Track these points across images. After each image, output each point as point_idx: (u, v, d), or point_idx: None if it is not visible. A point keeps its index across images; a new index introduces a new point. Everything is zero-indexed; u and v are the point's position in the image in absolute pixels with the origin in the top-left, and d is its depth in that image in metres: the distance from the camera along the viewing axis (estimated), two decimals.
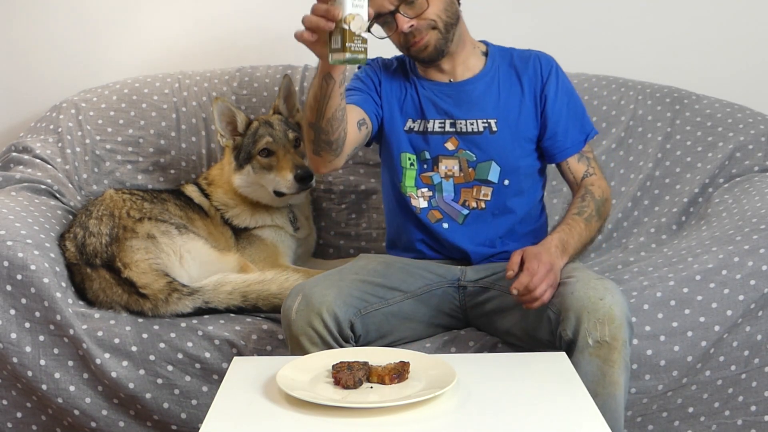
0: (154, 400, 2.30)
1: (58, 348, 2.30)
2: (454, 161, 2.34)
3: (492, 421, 1.63)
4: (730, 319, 2.27)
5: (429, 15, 2.25)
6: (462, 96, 2.36)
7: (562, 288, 2.07)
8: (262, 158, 2.65)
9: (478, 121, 2.34)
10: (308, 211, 2.86)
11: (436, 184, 2.36)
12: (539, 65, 2.38)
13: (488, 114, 2.35)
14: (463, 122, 2.34)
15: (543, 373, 1.87)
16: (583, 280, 2.06)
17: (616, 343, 1.98)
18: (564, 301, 2.03)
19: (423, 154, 2.36)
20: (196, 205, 2.71)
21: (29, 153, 2.79)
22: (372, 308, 2.16)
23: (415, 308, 2.25)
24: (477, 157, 2.33)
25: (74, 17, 3.16)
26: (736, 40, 3.19)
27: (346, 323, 2.07)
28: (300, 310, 2.05)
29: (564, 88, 2.38)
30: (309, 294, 2.07)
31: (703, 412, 2.31)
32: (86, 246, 2.43)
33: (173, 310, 2.35)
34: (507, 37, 3.01)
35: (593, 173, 2.37)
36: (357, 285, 2.17)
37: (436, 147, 2.35)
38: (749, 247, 2.34)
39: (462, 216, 2.35)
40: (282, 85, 2.77)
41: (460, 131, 2.34)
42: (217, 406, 1.70)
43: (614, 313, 1.98)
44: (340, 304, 2.07)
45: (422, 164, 2.37)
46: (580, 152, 2.37)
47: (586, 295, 2.00)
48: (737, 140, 2.81)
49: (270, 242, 2.71)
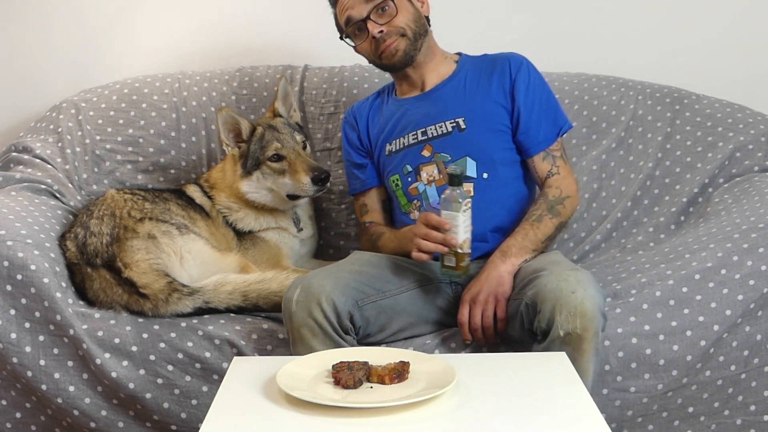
0: (154, 400, 2.30)
1: (58, 348, 2.30)
2: (432, 166, 2.44)
3: (492, 421, 1.63)
4: (729, 318, 2.27)
5: (398, 23, 2.43)
6: (431, 102, 2.50)
7: (536, 280, 2.12)
8: (272, 163, 2.65)
9: (446, 122, 2.45)
10: (311, 210, 2.86)
11: (422, 192, 2.45)
12: (508, 63, 2.47)
13: (456, 113, 2.45)
14: (433, 127, 2.46)
15: (543, 373, 1.87)
16: (555, 272, 2.10)
17: (587, 334, 2.03)
18: (537, 294, 2.08)
19: (405, 168, 2.48)
20: (198, 206, 2.71)
21: (29, 153, 2.79)
22: (369, 300, 2.20)
23: (409, 301, 2.29)
24: (451, 156, 2.42)
25: (74, 18, 3.16)
26: (736, 40, 3.19)
27: (345, 314, 2.11)
28: (300, 300, 2.10)
29: (535, 83, 2.46)
30: (308, 284, 2.12)
31: (703, 411, 2.31)
32: (87, 246, 2.43)
33: (173, 310, 2.35)
34: (507, 37, 3.02)
35: (556, 172, 2.43)
36: (354, 276, 2.21)
37: (414, 158, 2.47)
38: (748, 246, 2.34)
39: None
40: (279, 87, 2.77)
41: (432, 137, 2.46)
42: (217, 406, 1.70)
43: (586, 306, 2.03)
44: (338, 294, 2.11)
45: (406, 178, 2.48)
46: (546, 150, 2.44)
47: (558, 288, 2.05)
48: (737, 140, 2.81)
49: (273, 244, 2.71)
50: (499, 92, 2.45)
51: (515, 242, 2.30)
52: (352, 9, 2.45)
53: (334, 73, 3.03)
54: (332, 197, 2.93)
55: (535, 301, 2.08)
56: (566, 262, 2.24)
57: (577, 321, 2.02)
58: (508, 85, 2.45)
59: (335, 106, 2.97)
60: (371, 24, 2.42)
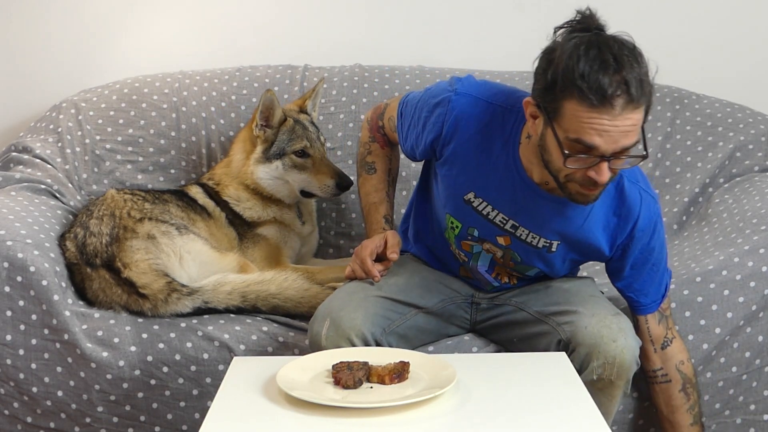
0: (145, 401, 2.30)
1: (49, 353, 2.29)
2: (498, 251, 2.15)
3: (492, 421, 1.63)
4: (730, 321, 2.27)
5: (621, 169, 1.92)
6: (540, 205, 2.06)
7: (575, 317, 2.05)
8: (296, 158, 2.67)
9: (541, 237, 2.09)
10: (312, 206, 2.87)
11: (475, 253, 2.18)
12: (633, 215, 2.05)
13: (555, 235, 2.09)
14: (525, 231, 2.09)
15: (543, 373, 1.87)
16: (598, 315, 2.04)
17: (620, 381, 2.01)
18: (576, 334, 2.03)
19: (471, 230, 2.14)
20: (199, 206, 2.71)
21: (29, 153, 2.79)
22: (394, 325, 2.15)
23: (428, 320, 2.23)
24: (522, 260, 2.15)
25: (74, 17, 3.16)
26: (736, 39, 3.19)
27: (372, 344, 2.07)
28: (329, 336, 2.05)
29: (655, 255, 2.10)
30: (337, 318, 2.06)
31: (704, 413, 2.31)
32: (86, 246, 2.43)
33: (173, 310, 2.35)
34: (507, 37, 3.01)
35: (673, 337, 2.18)
36: (381, 303, 2.13)
37: (487, 233, 2.13)
38: (749, 248, 2.34)
39: (491, 285, 2.24)
40: (317, 87, 2.77)
41: (518, 236, 2.10)
42: (217, 406, 1.70)
43: (625, 357, 1.99)
44: (368, 326, 2.06)
45: (467, 234, 2.15)
46: (659, 310, 2.16)
47: (599, 333, 2.00)
48: (737, 140, 2.81)
49: (273, 241, 2.71)
50: (606, 238, 2.08)
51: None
52: (602, 136, 1.81)
53: (334, 73, 3.02)
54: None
55: (570, 339, 2.03)
56: (606, 303, 2.13)
57: (614, 370, 1.99)
58: (621, 241, 2.08)
59: (335, 106, 2.96)
60: (604, 169, 1.85)
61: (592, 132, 1.80)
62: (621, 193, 2.04)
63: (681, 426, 2.21)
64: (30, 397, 2.31)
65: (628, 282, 2.13)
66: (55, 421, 2.33)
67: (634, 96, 1.79)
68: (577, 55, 1.81)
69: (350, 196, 2.92)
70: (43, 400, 2.31)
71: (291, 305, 2.41)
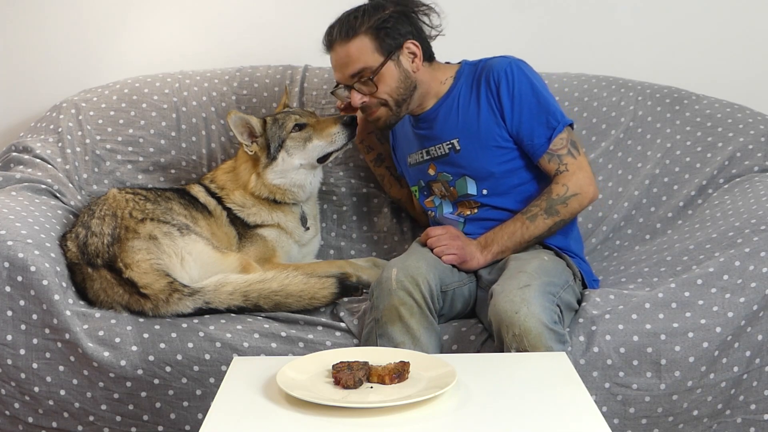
0: (149, 400, 2.30)
1: (50, 353, 2.30)
2: (438, 184, 2.54)
3: (492, 421, 1.64)
4: (731, 321, 2.27)
5: (379, 94, 2.44)
6: (428, 124, 2.53)
7: (493, 297, 2.18)
8: (296, 133, 2.67)
9: (443, 144, 2.50)
10: (316, 210, 2.87)
11: (437, 205, 2.57)
12: (491, 75, 2.44)
13: (450, 135, 2.48)
14: (433, 148, 2.52)
15: (543, 373, 1.87)
16: (505, 290, 2.16)
17: (539, 350, 2.07)
18: (491, 314, 2.16)
19: (419, 183, 2.60)
20: (201, 205, 2.71)
21: (29, 153, 2.79)
22: (444, 286, 2.33)
23: (460, 295, 2.40)
24: (451, 175, 2.50)
25: (74, 17, 3.16)
26: (735, 39, 3.19)
27: (437, 295, 2.27)
28: (400, 279, 2.22)
29: (519, 90, 2.42)
30: (405, 265, 2.26)
31: (707, 414, 2.31)
32: (88, 246, 2.43)
33: (174, 311, 2.35)
34: (507, 37, 3.02)
35: (564, 170, 2.40)
36: (437, 263, 2.34)
37: (424, 175, 2.57)
38: (750, 250, 2.34)
39: (460, 224, 2.51)
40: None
41: (433, 157, 2.52)
42: (217, 406, 1.70)
43: (528, 325, 2.07)
44: (432, 276, 2.25)
45: (422, 192, 2.61)
46: (549, 152, 2.41)
47: (503, 309, 2.11)
48: (737, 140, 2.81)
49: (270, 243, 2.71)
50: (488, 109, 2.44)
51: (500, 240, 2.39)
52: (337, 72, 2.49)
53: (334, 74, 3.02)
54: (334, 198, 2.93)
55: (490, 320, 2.16)
56: (522, 277, 2.22)
57: (524, 340, 2.07)
58: (494, 100, 2.44)
59: (335, 107, 2.97)
60: (354, 94, 2.46)
61: (333, 70, 2.52)
62: (477, 69, 2.49)
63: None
64: (31, 396, 2.31)
65: (517, 129, 2.42)
66: (57, 421, 2.33)
67: (335, 35, 2.44)
68: None
69: (352, 199, 2.92)
70: (45, 400, 2.31)
71: (293, 300, 2.41)
